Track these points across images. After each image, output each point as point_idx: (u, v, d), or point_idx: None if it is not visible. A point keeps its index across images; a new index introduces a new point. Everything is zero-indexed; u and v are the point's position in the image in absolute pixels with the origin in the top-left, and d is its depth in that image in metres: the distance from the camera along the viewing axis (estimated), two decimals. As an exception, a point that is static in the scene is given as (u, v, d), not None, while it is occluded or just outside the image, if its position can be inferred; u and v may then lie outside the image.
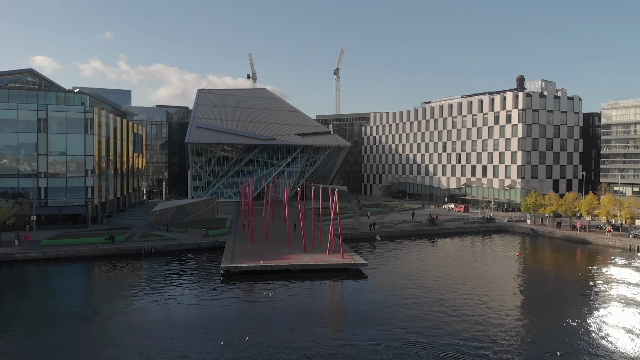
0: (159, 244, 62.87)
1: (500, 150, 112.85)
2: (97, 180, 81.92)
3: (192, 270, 53.62)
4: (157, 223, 78.55)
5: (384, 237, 75.19)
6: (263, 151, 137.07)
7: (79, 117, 79.44)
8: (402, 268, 55.76)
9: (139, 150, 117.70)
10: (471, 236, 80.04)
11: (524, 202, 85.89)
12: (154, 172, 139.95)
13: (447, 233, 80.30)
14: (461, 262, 59.51)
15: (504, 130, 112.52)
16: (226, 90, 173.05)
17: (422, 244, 73.47)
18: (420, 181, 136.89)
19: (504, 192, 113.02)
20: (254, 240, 63.84)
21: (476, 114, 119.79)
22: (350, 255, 54.77)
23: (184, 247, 63.78)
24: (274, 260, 51.93)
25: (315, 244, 61.57)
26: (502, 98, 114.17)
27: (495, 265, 58.86)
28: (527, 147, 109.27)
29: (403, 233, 77.80)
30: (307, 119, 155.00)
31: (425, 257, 62.64)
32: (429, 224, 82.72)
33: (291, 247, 59.27)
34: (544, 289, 48.29)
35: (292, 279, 49.21)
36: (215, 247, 64.60)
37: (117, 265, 57.39)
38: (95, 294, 46.09)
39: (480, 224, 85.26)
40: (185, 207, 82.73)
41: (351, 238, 73.26)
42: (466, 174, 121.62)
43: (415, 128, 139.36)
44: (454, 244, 73.37)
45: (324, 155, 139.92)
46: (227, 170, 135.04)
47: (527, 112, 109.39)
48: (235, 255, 54.72)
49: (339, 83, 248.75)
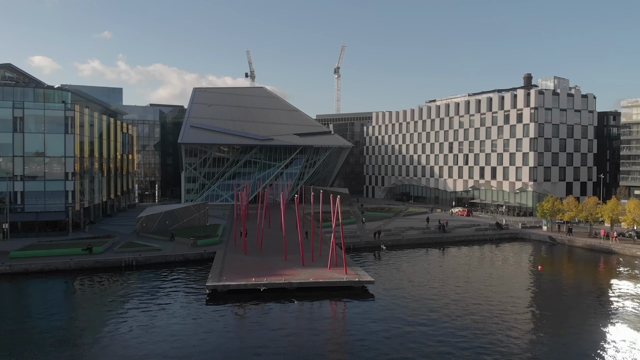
0: (141, 256, 56.59)
1: (511, 151, 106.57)
2: (79, 184, 75.68)
3: (174, 288, 47.28)
4: (142, 230, 72.30)
5: (390, 246, 68.93)
6: (260, 152, 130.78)
7: (59, 115, 73.20)
8: (413, 285, 49.45)
9: (129, 151, 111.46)
10: (484, 244, 73.75)
11: (540, 207, 79.62)
12: (146, 173, 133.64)
13: (457, 241, 74.00)
14: (478, 279, 53.13)
15: (514, 130, 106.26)
16: (223, 88, 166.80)
17: (432, 254, 67.17)
18: (425, 183, 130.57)
19: (514, 195, 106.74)
20: (246, 252, 57.54)
21: (485, 112, 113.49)
22: (354, 271, 48.45)
23: (169, 258, 57.47)
24: (268, 277, 45.65)
25: (315, 255, 55.31)
26: (512, 96, 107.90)
27: (519, 284, 52.44)
28: (540, 148, 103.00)
29: (411, 242, 71.48)
30: (307, 119, 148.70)
31: (437, 271, 56.26)
32: (438, 231, 76.41)
33: (288, 260, 52.97)
34: (586, 315, 41.91)
35: (288, 299, 42.97)
36: (204, 258, 58.29)
37: (92, 280, 51.16)
38: (49, 319, 39.49)
39: (493, 231, 78.92)
40: (174, 212, 76.43)
41: (354, 247, 66.99)
42: (474, 176, 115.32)
43: (419, 128, 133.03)
44: (467, 255, 67.04)
45: (324, 156, 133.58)
46: (222, 171, 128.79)
47: (540, 111, 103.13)
48: (224, 270, 48.42)
49: (339, 82, 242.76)
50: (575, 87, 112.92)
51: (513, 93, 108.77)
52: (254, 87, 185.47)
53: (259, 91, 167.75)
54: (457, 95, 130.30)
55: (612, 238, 70.40)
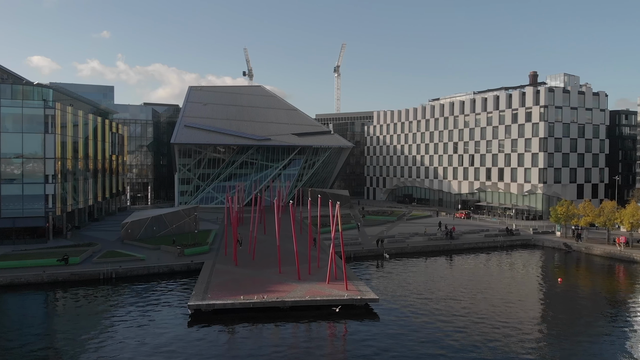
0: (122, 267, 51.51)
1: (519, 151, 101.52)
2: (60, 187, 70.67)
3: (154, 305, 42.18)
4: (127, 237, 67.25)
5: (394, 255, 63.85)
6: (257, 152, 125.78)
7: (38, 113, 68.21)
8: (421, 301, 44.38)
9: (119, 152, 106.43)
10: (494, 252, 68.65)
11: (554, 212, 74.55)
12: (138, 175, 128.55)
13: (466, 249, 68.89)
14: (493, 294, 48.02)
15: (523, 130, 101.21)
16: (219, 87, 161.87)
17: (439, 263, 62.07)
18: (428, 185, 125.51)
19: (522, 198, 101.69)
20: (237, 263, 52.44)
21: (491, 111, 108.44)
22: (356, 286, 43.35)
23: (152, 270, 52.37)
24: (259, 294, 40.58)
25: (313, 266, 50.27)
26: (520, 94, 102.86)
27: (539, 301, 47.40)
28: (550, 148, 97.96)
29: (416, 249, 66.33)
30: (306, 118, 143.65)
31: (447, 285, 51.09)
32: (445, 237, 71.31)
33: (282, 273, 47.89)
34: (622, 343, 36.92)
35: (281, 320, 37.95)
36: (191, 269, 53.19)
37: (64, 295, 46.17)
38: (10, 342, 34.65)
39: (503, 237, 73.77)
40: (162, 217, 71.35)
41: (355, 256, 61.90)
42: (480, 178, 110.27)
43: (422, 127, 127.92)
44: (477, 264, 61.93)
45: (324, 156, 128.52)
46: (218, 173, 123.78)
47: (550, 109, 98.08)
48: (210, 286, 43.36)
49: (339, 81, 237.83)
50: (586, 85, 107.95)
51: (521, 91, 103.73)
52: (251, 86, 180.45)
53: (256, 90, 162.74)
54: (461, 93, 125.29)
55: (618, 243, 66.35)
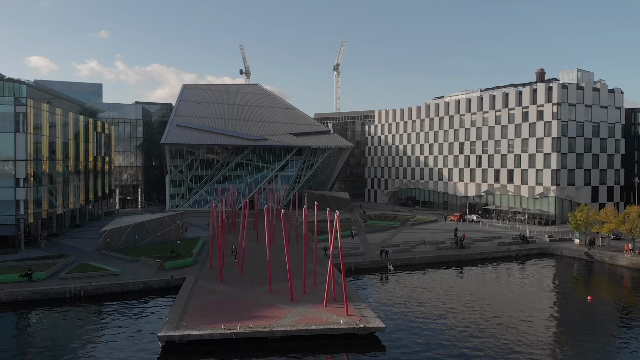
0: (91, 284, 45.35)
1: (530, 152, 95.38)
2: (33, 191, 64.56)
3: (120, 333, 36.04)
4: (106, 247, 61.11)
5: (399, 267, 57.66)
6: (253, 153, 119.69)
7: (8, 111, 62.09)
8: (434, 327, 38.20)
9: (105, 152, 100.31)
10: (509, 263, 62.48)
11: (573, 218, 68.38)
12: (128, 177, 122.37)
13: (478, 259, 62.67)
14: (516, 316, 41.84)
15: (534, 129, 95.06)
16: (214, 85, 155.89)
17: (450, 276, 55.86)
18: (432, 187, 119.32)
19: (534, 201, 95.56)
20: (222, 279, 46.26)
21: (500, 109, 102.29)
22: (358, 310, 37.14)
23: (126, 287, 46.19)
24: (244, 321, 34.42)
25: (309, 283, 44.15)
26: (531, 91, 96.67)
27: (570, 325, 41.15)
28: (563, 149, 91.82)
29: (423, 260, 59.97)
30: (304, 117, 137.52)
31: (460, 303, 44.80)
32: (455, 246, 65.10)
33: (273, 292, 41.71)
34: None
35: (270, 354, 31.86)
36: (171, 286, 47.03)
37: (22, 318, 40.06)
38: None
39: (518, 245, 67.55)
40: (144, 225, 65.14)
41: (356, 269, 55.70)
42: (488, 180, 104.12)
43: (426, 126, 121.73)
44: (492, 278, 55.72)
45: (323, 157, 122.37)
46: (211, 175, 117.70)
47: (563, 107, 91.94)
48: (187, 309, 37.19)
49: (339, 80, 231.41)
50: (600, 81, 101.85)
51: (532, 87, 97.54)
52: (248, 84, 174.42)
53: (253, 88, 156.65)
54: (467, 90, 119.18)
55: (627, 251, 61.60)
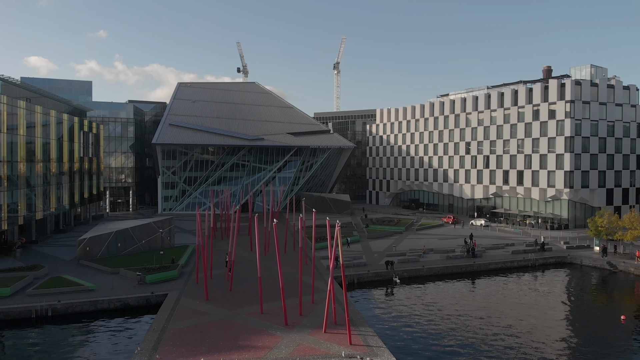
0: (61, 302, 40.16)
1: (542, 152, 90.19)
2: (8, 195, 59.41)
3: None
4: (85, 256, 55.92)
5: (406, 279, 52.43)
6: (249, 154, 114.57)
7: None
8: (449, 357, 33.03)
9: (93, 153, 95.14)
10: (525, 273, 57.24)
11: (593, 224, 63.19)
12: (119, 179, 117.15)
13: (492, 269, 57.39)
14: (541, 339, 36.59)
15: (545, 128, 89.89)
16: (211, 83, 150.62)
17: (463, 290, 50.60)
18: (437, 189, 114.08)
19: (545, 204, 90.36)
20: (208, 296, 41.01)
21: (509, 107, 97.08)
22: (363, 338, 31.86)
23: (100, 305, 40.94)
24: (228, 353, 29.23)
25: (305, 302, 38.93)
26: (543, 87, 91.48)
27: (609, 353, 36.09)
28: (577, 149, 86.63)
29: (432, 271, 54.64)
30: (303, 116, 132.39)
31: (477, 325, 39.46)
32: (466, 254, 59.85)
33: (264, 314, 36.49)
34: None
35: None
36: (151, 304, 41.78)
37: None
38: None
39: (534, 253, 62.27)
40: (128, 232, 59.87)
41: (359, 282, 50.46)
42: (496, 182, 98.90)
43: (430, 125, 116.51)
44: (509, 291, 50.50)
45: (322, 158, 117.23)
46: (206, 176, 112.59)
47: (577, 105, 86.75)
48: (164, 336, 32.00)
49: (339, 78, 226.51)
50: (614, 78, 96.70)
51: (544, 84, 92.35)
52: (245, 83, 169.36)
53: (250, 87, 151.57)
54: (473, 88, 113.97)
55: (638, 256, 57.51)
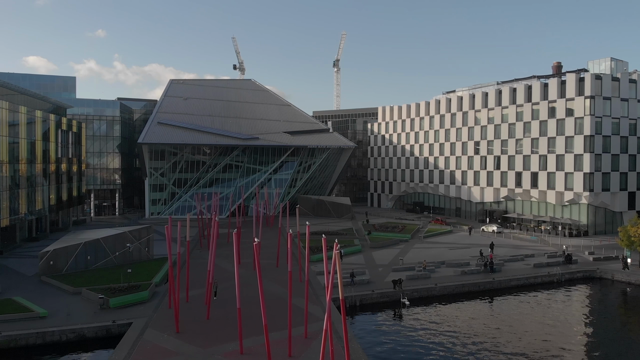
0: (2, 334, 33.03)
1: (558, 152, 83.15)
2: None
3: None
4: (49, 271, 48.83)
5: (416, 299, 45.33)
6: (243, 154, 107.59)
7: None
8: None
9: (73, 153, 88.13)
10: (550, 290, 50.15)
11: (624, 234, 56.07)
12: (104, 180, 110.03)
13: (514, 286, 50.26)
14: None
15: (562, 126, 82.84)
16: (204, 80, 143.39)
17: (482, 313, 43.58)
18: (443, 192, 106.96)
19: (562, 208, 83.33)
20: (178, 328, 33.85)
21: (522, 104, 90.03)
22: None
23: (49, 337, 33.82)
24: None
25: (297, 336, 31.88)
26: (559, 82, 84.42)
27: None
28: (597, 149, 79.63)
29: (446, 290, 47.45)
30: (301, 114, 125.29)
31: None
32: (482, 269, 52.70)
33: (245, 354, 29.39)
34: None
35: None
36: (112, 335, 34.63)
37: None
38: None
39: (560, 267, 54.98)
40: (100, 242, 52.70)
41: (362, 304, 43.29)
42: (508, 184, 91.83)
43: (436, 124, 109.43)
44: (537, 315, 43.42)
45: (321, 158, 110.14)
46: (197, 178, 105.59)
47: (597, 101, 79.74)
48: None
49: (339, 76, 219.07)
50: (635, 72, 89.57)
51: (560, 79, 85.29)
52: (240, 80, 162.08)
53: (246, 84, 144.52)
54: (482, 84, 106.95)
55: None
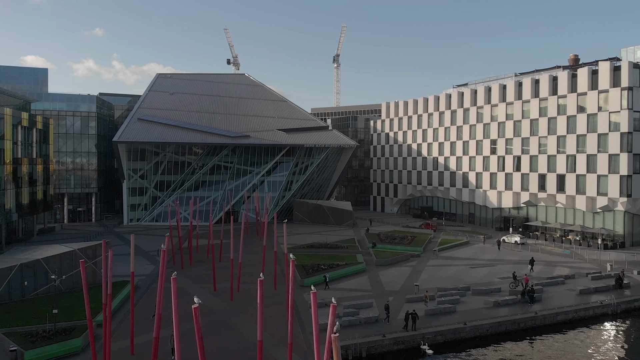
0: None
1: (589, 152, 72.71)
2: None
3: None
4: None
5: (440, 345, 34.70)
6: (233, 153, 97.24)
7: None
8: None
9: (38, 153, 77.70)
10: (605, 324, 39.65)
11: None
12: (77, 183, 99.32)
13: (560, 322, 39.59)
14: None
15: (594, 122, 72.44)
16: (194, 74, 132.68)
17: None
18: (455, 196, 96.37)
19: (593, 216, 72.89)
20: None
21: (545, 97, 79.55)
22: None
23: None
24: None
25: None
26: (590, 72, 73.97)
27: None
28: (636, 148, 69.21)
29: (480, 331, 36.63)
30: (297, 111, 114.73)
31: None
32: (520, 298, 41.99)
33: None
34: None
35: None
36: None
37: None
38: None
39: (614, 293, 44.30)
40: (40, 264, 42.00)
41: (370, 355, 32.66)
42: (530, 188, 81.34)
43: (447, 121, 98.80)
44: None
45: (319, 159, 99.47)
46: (181, 180, 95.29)
47: (636, 93, 69.33)
48: None
49: (339, 72, 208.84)
50: (674, 61, 79.12)
51: (591, 68, 74.82)
52: (233, 74, 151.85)
53: (239, 78, 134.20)
54: (498, 76, 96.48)
55: None
